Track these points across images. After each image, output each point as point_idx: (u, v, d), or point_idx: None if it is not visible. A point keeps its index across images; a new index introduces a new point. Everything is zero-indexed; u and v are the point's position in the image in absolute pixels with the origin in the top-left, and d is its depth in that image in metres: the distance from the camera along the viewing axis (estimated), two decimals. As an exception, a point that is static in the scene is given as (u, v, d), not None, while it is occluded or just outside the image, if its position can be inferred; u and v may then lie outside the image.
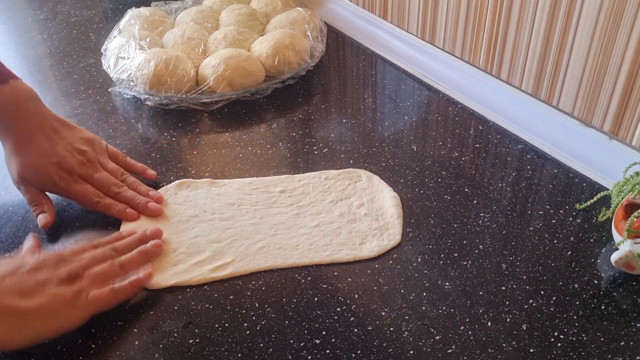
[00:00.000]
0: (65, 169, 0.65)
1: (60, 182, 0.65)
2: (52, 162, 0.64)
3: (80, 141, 0.68)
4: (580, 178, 0.70)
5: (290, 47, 0.89)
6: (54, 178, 0.64)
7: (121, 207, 0.65)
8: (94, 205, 0.65)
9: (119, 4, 1.18)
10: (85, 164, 0.66)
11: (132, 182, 0.69)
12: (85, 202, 0.66)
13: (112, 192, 0.66)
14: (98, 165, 0.67)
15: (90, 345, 0.53)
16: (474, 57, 0.84)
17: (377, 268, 0.60)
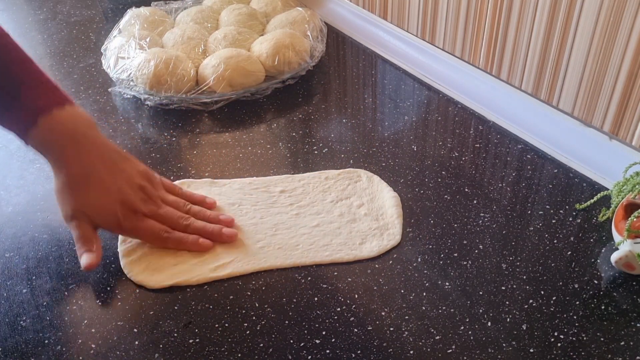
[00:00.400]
0: (129, 207, 0.60)
1: (124, 222, 0.59)
2: (115, 199, 0.59)
3: (139, 175, 0.62)
4: (580, 178, 0.70)
5: (290, 47, 0.89)
6: (119, 217, 0.59)
7: (193, 238, 0.62)
8: (164, 242, 0.61)
9: (119, 4, 1.18)
10: (148, 201, 0.61)
11: (197, 211, 0.65)
12: (153, 239, 0.62)
13: (180, 225, 0.62)
14: (159, 201, 0.63)
15: (90, 345, 0.53)
16: (474, 57, 0.84)
17: (377, 268, 0.60)
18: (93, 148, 0.60)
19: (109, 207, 0.59)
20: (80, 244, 0.59)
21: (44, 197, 0.70)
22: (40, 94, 0.58)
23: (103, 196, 0.59)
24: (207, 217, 0.64)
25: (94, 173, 0.59)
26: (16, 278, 0.60)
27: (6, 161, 0.77)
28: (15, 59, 0.58)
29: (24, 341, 0.54)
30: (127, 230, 0.61)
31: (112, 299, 0.58)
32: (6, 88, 0.57)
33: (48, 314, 0.56)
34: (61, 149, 0.59)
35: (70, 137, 0.59)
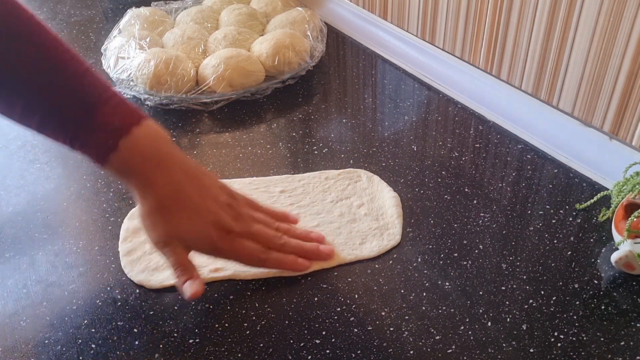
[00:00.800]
0: (222, 228, 0.55)
1: (220, 244, 0.55)
2: (207, 220, 0.55)
3: (222, 192, 0.58)
4: (580, 178, 0.70)
5: (290, 47, 0.89)
6: (214, 239, 0.55)
7: (292, 259, 0.59)
8: (262, 263, 0.58)
9: (119, 4, 1.18)
10: (238, 219, 0.57)
11: (287, 229, 0.61)
12: (250, 260, 0.58)
13: (276, 245, 0.58)
14: (249, 219, 0.58)
15: (90, 345, 0.53)
16: (474, 57, 0.84)
17: (377, 268, 0.60)
18: (176, 166, 0.55)
19: (203, 230, 0.55)
20: (179, 272, 0.55)
21: (44, 197, 0.70)
22: (115, 112, 0.51)
23: (196, 218, 0.55)
24: (297, 235, 0.61)
25: (182, 194, 0.54)
26: (16, 278, 0.60)
27: (6, 161, 0.77)
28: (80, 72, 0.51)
29: (24, 341, 0.54)
30: (223, 252, 0.57)
31: (112, 299, 0.58)
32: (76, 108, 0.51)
33: (48, 314, 0.56)
34: (146, 172, 0.53)
35: (153, 158, 0.53)
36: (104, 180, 0.72)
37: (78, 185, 0.72)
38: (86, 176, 0.73)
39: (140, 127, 0.52)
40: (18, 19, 0.50)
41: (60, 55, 0.51)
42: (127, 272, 0.60)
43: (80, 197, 0.70)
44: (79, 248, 0.63)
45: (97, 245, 0.64)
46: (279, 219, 0.62)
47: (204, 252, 0.57)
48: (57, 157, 0.77)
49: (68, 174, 0.74)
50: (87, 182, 0.72)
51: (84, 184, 0.72)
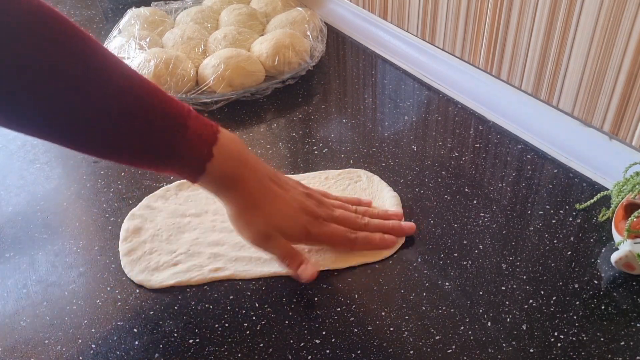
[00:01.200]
0: (310, 214, 0.59)
1: (311, 228, 0.58)
2: (297, 209, 0.58)
3: (297, 185, 0.62)
4: (580, 178, 0.70)
5: (290, 47, 0.89)
6: (306, 226, 0.58)
7: (378, 236, 0.61)
8: (352, 243, 0.60)
9: (119, 4, 1.18)
10: (321, 206, 0.60)
11: (365, 210, 0.64)
12: (340, 242, 0.60)
13: (359, 225, 0.61)
14: (329, 204, 0.62)
15: (90, 345, 0.53)
16: (474, 57, 0.84)
17: (377, 268, 0.60)
18: (258, 165, 0.57)
19: (296, 218, 0.58)
20: (289, 260, 0.58)
21: (44, 197, 0.70)
22: (199, 124, 0.52)
23: (287, 208, 0.58)
24: (376, 214, 0.64)
25: (269, 189, 0.57)
26: (16, 278, 0.60)
27: (6, 161, 0.77)
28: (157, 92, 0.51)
29: (24, 341, 0.54)
30: (315, 237, 0.59)
31: (112, 299, 0.58)
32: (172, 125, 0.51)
33: (48, 314, 0.56)
34: (238, 173, 0.55)
35: (240, 160, 0.55)
36: (104, 180, 0.72)
37: (78, 185, 0.72)
38: (86, 176, 0.73)
39: (221, 132, 0.54)
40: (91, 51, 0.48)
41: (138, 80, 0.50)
42: (127, 272, 0.60)
43: (80, 197, 0.70)
44: (79, 248, 0.63)
45: (97, 245, 0.64)
46: (353, 203, 0.65)
47: (297, 239, 0.59)
48: (57, 157, 0.77)
49: (68, 174, 0.74)
50: (87, 182, 0.72)
51: (84, 184, 0.72)
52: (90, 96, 0.47)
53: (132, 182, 0.72)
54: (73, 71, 0.46)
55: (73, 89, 0.46)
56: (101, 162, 0.75)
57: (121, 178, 0.73)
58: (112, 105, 0.48)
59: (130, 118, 0.49)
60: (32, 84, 0.45)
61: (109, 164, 0.75)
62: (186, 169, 0.53)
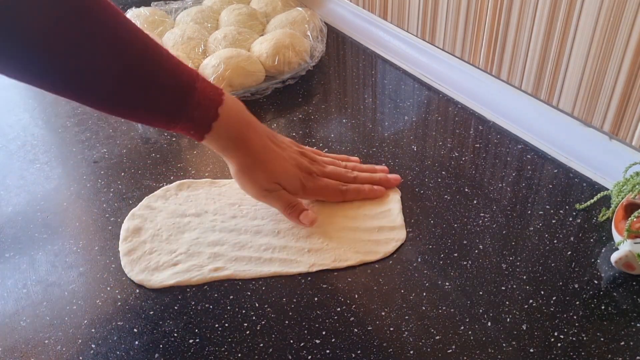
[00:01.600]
0: (304, 170, 0.64)
1: (307, 183, 0.64)
2: (293, 165, 0.63)
3: (292, 144, 0.67)
4: (580, 178, 0.70)
5: (290, 47, 0.89)
6: (302, 180, 0.64)
7: (368, 187, 0.67)
8: (343, 194, 0.66)
9: (118, 4, 1.17)
10: (313, 163, 0.66)
11: (354, 165, 0.70)
12: (333, 194, 0.66)
13: (349, 178, 0.67)
14: (321, 161, 0.68)
15: (90, 345, 0.53)
16: (474, 57, 0.84)
17: (377, 268, 0.60)
18: (257, 125, 0.62)
19: (293, 173, 0.63)
20: (290, 210, 0.63)
21: (44, 197, 0.70)
22: (207, 86, 0.57)
23: (285, 164, 0.63)
24: (364, 169, 0.70)
25: (270, 147, 0.62)
26: (16, 278, 0.60)
27: (6, 161, 0.77)
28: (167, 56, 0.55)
29: (24, 341, 0.54)
30: (309, 190, 0.65)
31: (112, 299, 0.58)
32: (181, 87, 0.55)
33: (48, 314, 0.56)
34: (241, 133, 0.60)
35: (243, 120, 0.60)
36: (104, 180, 0.72)
37: (78, 185, 0.72)
38: (86, 176, 0.73)
39: (225, 95, 0.59)
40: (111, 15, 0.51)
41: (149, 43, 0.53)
42: (127, 272, 0.60)
43: (80, 197, 0.70)
44: (79, 248, 0.63)
45: (97, 245, 0.64)
46: (343, 160, 0.71)
47: (295, 192, 0.64)
48: (57, 157, 0.77)
49: (68, 174, 0.74)
50: (87, 182, 0.72)
51: (84, 184, 0.72)
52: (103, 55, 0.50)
53: (132, 182, 0.72)
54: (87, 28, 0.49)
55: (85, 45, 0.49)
56: (101, 162, 0.75)
57: (121, 178, 0.73)
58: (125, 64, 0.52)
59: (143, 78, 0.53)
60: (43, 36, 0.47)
61: (109, 164, 0.75)
62: (194, 128, 0.57)
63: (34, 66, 0.49)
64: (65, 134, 0.81)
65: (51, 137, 0.81)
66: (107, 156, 0.77)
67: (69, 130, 0.82)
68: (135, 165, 0.75)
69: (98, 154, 0.77)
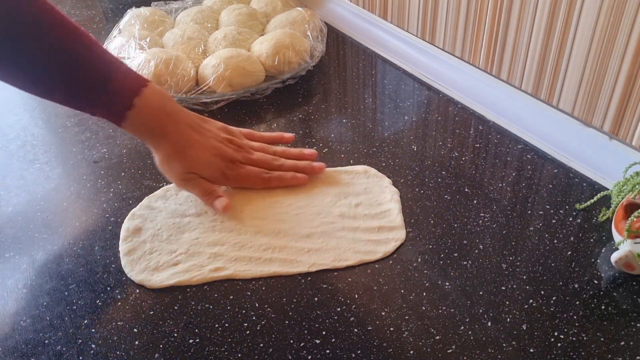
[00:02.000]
0: (227, 159, 0.67)
1: (228, 171, 0.66)
2: (214, 154, 0.66)
3: (221, 131, 0.69)
4: (580, 178, 0.70)
5: (290, 47, 0.89)
6: (221, 168, 0.66)
7: (291, 174, 0.69)
8: (266, 182, 0.68)
9: (119, 4, 1.18)
10: (239, 150, 0.68)
11: (282, 151, 0.72)
12: (256, 182, 0.68)
13: (274, 166, 0.69)
14: (248, 148, 0.70)
15: (90, 345, 0.53)
16: (474, 57, 0.84)
17: (377, 268, 0.60)
18: (181, 117, 0.65)
19: (212, 162, 0.66)
20: (207, 195, 0.66)
21: (44, 197, 0.70)
22: (127, 78, 0.61)
23: (204, 154, 0.65)
24: (292, 154, 0.72)
25: (190, 138, 0.65)
26: (16, 278, 0.60)
27: (6, 161, 0.77)
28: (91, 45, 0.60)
29: (24, 341, 0.54)
30: (231, 178, 0.67)
31: (112, 299, 0.58)
32: (98, 76, 0.60)
33: (48, 314, 0.56)
34: (159, 124, 0.63)
35: (163, 112, 0.64)
36: (104, 180, 0.72)
37: (78, 185, 0.72)
38: (86, 176, 0.73)
39: (148, 88, 0.62)
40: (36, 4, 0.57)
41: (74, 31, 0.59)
42: (127, 272, 0.60)
43: (80, 197, 0.70)
44: (79, 248, 0.63)
45: (97, 245, 0.64)
46: (274, 141, 0.74)
47: (215, 180, 0.67)
48: (57, 157, 0.77)
49: (68, 174, 0.74)
50: (87, 182, 0.72)
51: (84, 184, 0.72)
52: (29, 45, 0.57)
53: (132, 182, 0.72)
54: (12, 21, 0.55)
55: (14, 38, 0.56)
56: (101, 162, 0.75)
57: (121, 178, 0.73)
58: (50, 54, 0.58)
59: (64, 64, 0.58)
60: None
61: (109, 164, 0.75)
62: (109, 115, 0.62)
63: None
64: (65, 134, 0.81)
65: (51, 137, 0.81)
66: (107, 156, 0.77)
67: (69, 130, 0.82)
68: (135, 165, 0.75)
69: (98, 154, 0.77)
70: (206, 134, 0.67)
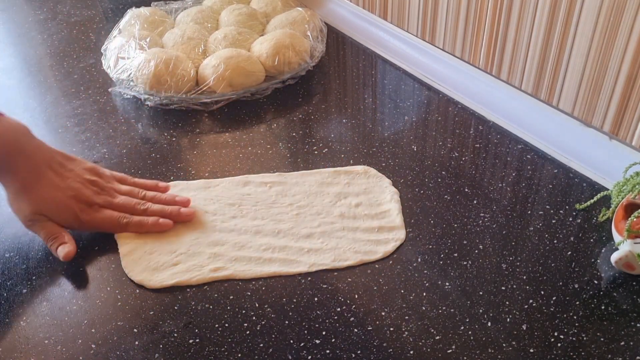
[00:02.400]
0: (84, 201, 0.62)
1: (82, 215, 0.62)
2: (68, 195, 0.61)
3: (87, 172, 0.65)
4: (580, 178, 0.70)
5: (290, 47, 0.89)
6: (75, 211, 0.61)
7: (153, 219, 0.64)
8: (124, 228, 0.63)
9: (119, 4, 1.18)
10: (101, 193, 0.64)
11: (152, 196, 0.67)
12: (113, 227, 0.63)
13: (138, 210, 0.64)
14: (113, 191, 0.65)
15: (90, 345, 0.53)
16: (474, 57, 0.84)
17: (377, 268, 0.60)
18: (36, 153, 0.62)
19: (64, 204, 0.61)
20: (51, 240, 0.61)
21: (44, 197, 0.70)
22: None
23: (56, 194, 0.61)
24: (163, 200, 0.67)
25: (43, 175, 0.61)
26: (16, 278, 0.60)
27: (6, 161, 0.77)
28: None
29: (24, 341, 0.54)
30: (85, 223, 0.62)
31: (112, 299, 0.58)
32: None
33: (48, 314, 0.56)
34: (7, 160, 0.60)
35: (13, 147, 0.60)
36: (104, 180, 0.72)
37: (78, 185, 0.72)
38: (86, 176, 0.73)
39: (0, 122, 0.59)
40: None
41: None
42: (127, 272, 0.60)
43: (80, 197, 0.70)
44: (78, 248, 0.63)
45: (97, 245, 0.64)
46: (148, 189, 0.68)
47: (68, 225, 0.62)
48: (57, 157, 0.77)
49: (68, 174, 0.74)
50: (87, 182, 0.72)
51: (84, 184, 0.72)
52: None
53: (132, 182, 0.72)
54: None
55: None
56: (101, 162, 0.75)
57: (121, 178, 0.73)
58: None
59: None
60: None
61: (109, 164, 0.75)
62: None
63: None
64: (65, 134, 0.81)
65: (51, 137, 0.81)
66: (107, 156, 0.77)
67: (69, 130, 0.82)
68: (135, 165, 0.75)
69: (98, 154, 0.77)
70: (65, 174, 0.62)
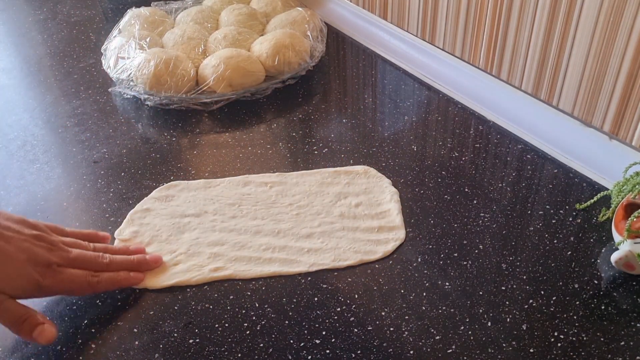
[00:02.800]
0: (40, 263, 0.51)
1: (45, 280, 0.51)
2: (22, 260, 0.50)
3: (23, 226, 0.53)
4: (580, 178, 0.70)
5: (290, 47, 0.89)
6: (35, 277, 0.50)
7: (123, 274, 0.57)
8: (94, 287, 0.55)
9: (119, 4, 1.18)
10: (53, 249, 0.53)
11: (104, 247, 0.59)
12: (82, 288, 0.54)
13: (101, 265, 0.56)
14: (62, 245, 0.55)
15: (90, 345, 0.53)
16: (474, 57, 0.84)
17: (377, 268, 0.60)
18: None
19: (20, 273, 0.50)
20: (20, 325, 0.50)
21: (44, 197, 0.70)
22: None
23: (8, 264, 0.50)
24: (117, 251, 0.60)
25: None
26: (16, 278, 0.60)
27: (6, 161, 0.77)
28: None
29: (24, 341, 0.54)
30: (50, 288, 0.52)
31: (112, 299, 0.58)
32: None
33: (48, 314, 0.56)
34: None
35: None
36: (104, 180, 0.72)
37: (78, 185, 0.72)
38: (86, 176, 0.73)
39: None
40: None
41: None
42: (127, 272, 0.60)
43: (80, 197, 0.70)
44: (79, 248, 0.63)
45: (97, 245, 0.63)
46: (90, 239, 0.60)
47: (28, 295, 0.52)
48: (57, 157, 0.77)
49: (68, 174, 0.74)
50: (87, 182, 0.72)
51: (84, 184, 0.72)
52: None
53: (132, 183, 0.72)
54: None
55: None
56: (101, 162, 0.75)
57: (121, 178, 0.73)
58: None
59: None
60: None
61: (109, 164, 0.75)
62: None
63: None
64: (65, 134, 0.81)
65: (51, 137, 0.81)
66: (107, 156, 0.77)
67: (69, 130, 0.82)
68: (135, 165, 0.75)
69: (98, 154, 0.77)
70: (5, 233, 0.50)
